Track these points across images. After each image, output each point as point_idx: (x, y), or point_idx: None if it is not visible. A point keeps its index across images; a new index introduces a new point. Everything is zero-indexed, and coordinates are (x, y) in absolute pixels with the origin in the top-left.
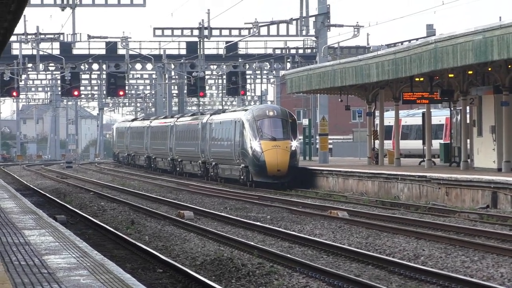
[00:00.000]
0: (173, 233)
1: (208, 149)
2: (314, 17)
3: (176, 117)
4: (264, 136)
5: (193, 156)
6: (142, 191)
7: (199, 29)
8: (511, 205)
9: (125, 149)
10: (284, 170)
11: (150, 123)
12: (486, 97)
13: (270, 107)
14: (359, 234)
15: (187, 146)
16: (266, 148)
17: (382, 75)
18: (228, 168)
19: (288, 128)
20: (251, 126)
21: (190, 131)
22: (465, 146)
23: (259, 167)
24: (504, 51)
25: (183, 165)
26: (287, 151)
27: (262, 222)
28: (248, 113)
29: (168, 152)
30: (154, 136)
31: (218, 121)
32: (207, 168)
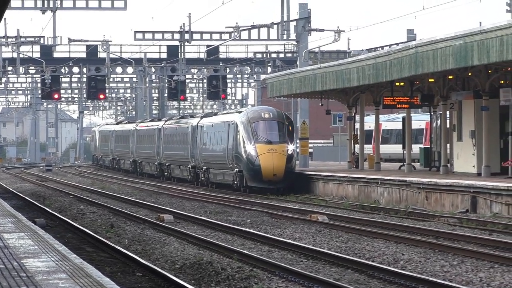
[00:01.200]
0: (152, 236)
1: (198, 153)
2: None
3: (164, 120)
4: (260, 139)
5: (183, 160)
6: (122, 195)
7: (180, 32)
8: (490, 210)
9: (109, 153)
10: (280, 175)
11: (136, 126)
12: (466, 102)
13: (266, 109)
14: (339, 238)
15: (176, 150)
16: (261, 152)
17: (362, 79)
18: (220, 173)
19: (285, 131)
20: (245, 129)
21: (179, 134)
22: (445, 150)
23: (254, 172)
24: (484, 56)
25: (171, 169)
26: (283, 155)
27: (242, 226)
28: (242, 115)
29: (155, 156)
30: (140, 139)
31: (210, 124)
32: (197, 173)
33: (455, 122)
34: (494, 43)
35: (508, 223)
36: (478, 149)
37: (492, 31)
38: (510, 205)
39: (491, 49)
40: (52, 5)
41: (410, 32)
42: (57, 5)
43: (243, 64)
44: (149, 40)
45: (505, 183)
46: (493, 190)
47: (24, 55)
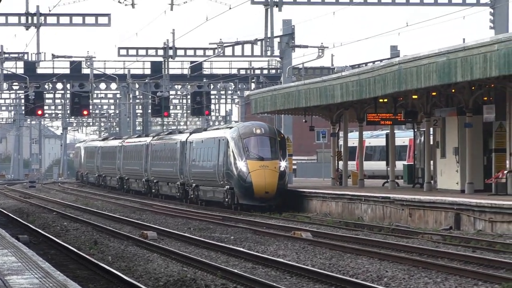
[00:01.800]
0: (136, 253)
1: (188, 169)
2: (279, 38)
3: (151, 135)
4: (251, 156)
5: (171, 177)
6: (106, 211)
7: (164, 49)
8: (474, 227)
9: (95, 169)
10: (273, 192)
11: (123, 142)
12: (450, 118)
13: (257, 124)
14: (323, 255)
15: (164, 166)
16: (253, 169)
17: (346, 96)
18: (210, 190)
19: (277, 147)
20: (236, 145)
21: (168, 150)
22: (428, 167)
23: (246, 189)
24: (467, 73)
25: (159, 186)
26: (275, 171)
27: (226, 242)
28: (233, 131)
29: (143, 173)
30: (127, 156)
31: (200, 140)
32: (186, 190)
33: (439, 138)
34: (478, 60)
35: (491, 240)
36: (462, 166)
37: (475, 47)
38: (494, 222)
39: (475, 65)
40: (36, 21)
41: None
42: (41, 21)
43: (227, 80)
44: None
45: (488, 200)
46: (476, 207)
47: (7, 71)
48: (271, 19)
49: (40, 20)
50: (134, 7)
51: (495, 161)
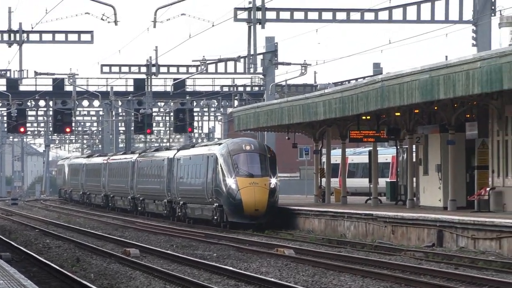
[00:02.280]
0: (118, 271)
1: (175, 187)
2: (262, 55)
3: (137, 152)
4: (241, 173)
5: (158, 194)
6: (88, 229)
7: (147, 66)
8: (456, 244)
9: (79, 187)
10: (263, 210)
11: (108, 159)
12: (432, 135)
13: (247, 141)
14: (306, 272)
15: (150, 183)
16: (242, 186)
17: (329, 113)
18: (198, 208)
19: (267, 164)
20: (225, 162)
21: (154, 167)
22: (411, 184)
23: (235, 207)
24: (450, 90)
25: (145, 204)
26: (265, 188)
27: (209, 260)
28: (222, 148)
29: (129, 191)
30: (112, 173)
31: (188, 157)
32: (174, 208)
33: (421, 155)
34: (460, 77)
35: (474, 257)
36: (444, 183)
37: (458, 65)
38: (476, 239)
39: (457, 83)
40: (18, 38)
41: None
42: (24, 38)
43: (210, 97)
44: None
45: (471, 217)
46: (459, 224)
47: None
48: (254, 36)
49: (22, 37)
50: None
51: (478, 178)
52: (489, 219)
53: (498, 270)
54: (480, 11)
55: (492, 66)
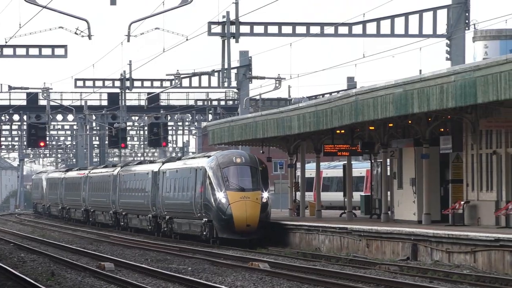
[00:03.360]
0: (93, 285)
1: (161, 201)
2: (236, 69)
3: (119, 165)
4: (231, 186)
5: (142, 209)
6: (63, 243)
7: (121, 80)
8: (431, 257)
9: (58, 201)
10: (254, 225)
11: (89, 173)
12: (407, 149)
13: (237, 153)
14: (280, 286)
15: (134, 198)
16: (233, 200)
17: (303, 127)
18: (186, 223)
19: (258, 177)
20: (215, 175)
21: (138, 181)
22: (385, 198)
23: (225, 222)
24: (424, 104)
25: (128, 219)
26: (257, 203)
27: (183, 273)
28: (211, 160)
29: (110, 205)
30: (93, 187)
31: (174, 170)
32: (159, 223)
33: (396, 169)
34: (434, 91)
35: (448, 270)
36: (419, 197)
37: (432, 79)
38: (451, 252)
39: (431, 97)
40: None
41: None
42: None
43: (184, 111)
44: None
45: (445, 230)
46: (433, 238)
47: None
48: (228, 50)
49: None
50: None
51: (452, 192)
52: (463, 232)
53: (473, 283)
54: (454, 25)
55: (466, 80)
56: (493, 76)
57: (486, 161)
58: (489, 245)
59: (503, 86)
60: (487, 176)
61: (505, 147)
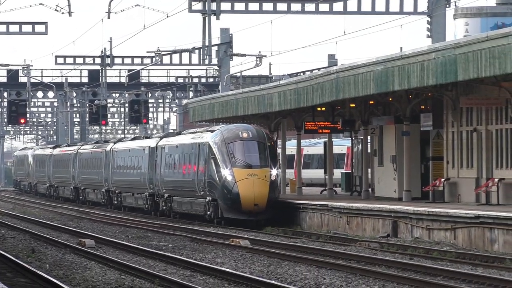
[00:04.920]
0: (74, 261)
1: (159, 178)
2: (217, 47)
3: (112, 142)
4: (237, 163)
5: (138, 187)
6: (43, 219)
7: (101, 57)
8: (411, 234)
9: (46, 179)
10: (263, 205)
11: (79, 149)
12: (387, 127)
13: (244, 127)
14: (261, 263)
15: (129, 175)
16: (240, 178)
17: (284, 104)
18: (187, 202)
19: (267, 153)
20: (220, 151)
21: (133, 157)
22: (366, 175)
23: (231, 201)
24: (405, 82)
25: (122, 197)
26: (266, 181)
27: (164, 250)
28: (216, 135)
29: (103, 183)
30: (84, 164)
31: (174, 145)
32: (156, 202)
33: (376, 147)
34: (415, 69)
35: (428, 247)
36: (399, 174)
37: (412, 56)
38: (431, 229)
39: (412, 74)
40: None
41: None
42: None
43: (165, 88)
44: (70, 64)
45: (425, 207)
46: (414, 215)
47: None
48: (209, 28)
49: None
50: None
51: (432, 169)
52: (443, 209)
53: (453, 260)
54: (434, 2)
55: (447, 57)
56: (473, 54)
57: (466, 139)
58: (469, 222)
59: (483, 64)
60: (467, 154)
61: (486, 124)
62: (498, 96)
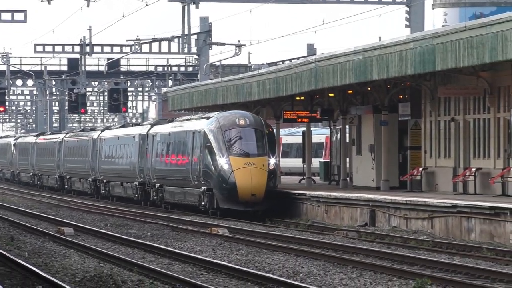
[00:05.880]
0: (53, 249)
1: (150, 167)
2: (196, 35)
3: (99, 129)
4: (234, 151)
5: (127, 176)
6: (22, 207)
7: (81, 45)
8: (388, 223)
9: (29, 168)
10: (260, 195)
11: (64, 137)
12: (365, 116)
13: (241, 114)
14: (239, 251)
15: (117, 164)
16: (236, 167)
17: (263, 93)
18: (180, 192)
19: (264, 141)
20: (216, 138)
21: (122, 145)
22: (344, 164)
23: (228, 191)
24: (383, 71)
25: (110, 187)
26: (264, 170)
27: (143, 239)
28: (211, 122)
29: (89, 172)
30: (69, 152)
31: (166, 133)
32: (147, 191)
33: (355, 136)
34: (393, 58)
35: (406, 236)
36: (377, 163)
37: (391, 46)
38: (408, 218)
39: (390, 64)
40: None
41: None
42: None
43: (144, 77)
44: (49, 52)
45: (403, 197)
46: (391, 204)
47: None
48: (188, 16)
49: None
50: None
51: (410, 159)
52: (421, 199)
53: (430, 249)
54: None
55: (425, 47)
56: (451, 44)
57: (444, 128)
58: (446, 211)
59: (461, 54)
60: (445, 143)
61: (463, 114)
62: (476, 86)
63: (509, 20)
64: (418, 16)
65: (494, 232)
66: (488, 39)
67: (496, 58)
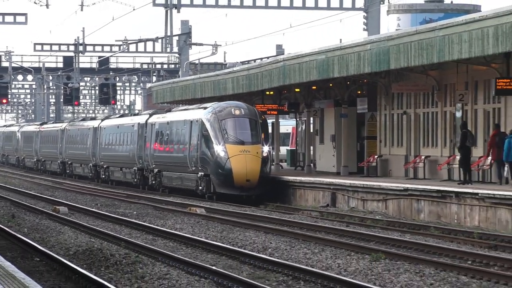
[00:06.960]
0: (49, 226)
1: (149, 154)
2: (178, 36)
3: (99, 119)
4: (230, 139)
5: (126, 162)
6: (22, 189)
7: (75, 45)
8: (348, 205)
9: (33, 154)
10: (255, 181)
11: (66, 126)
12: (328, 109)
13: (236, 104)
14: (215, 229)
15: (117, 151)
16: (232, 154)
17: (237, 88)
18: (178, 177)
19: (258, 130)
20: (213, 127)
21: (122, 133)
22: (308, 152)
23: (224, 177)
24: (343, 69)
25: (110, 172)
26: (258, 157)
27: (129, 217)
28: (208, 112)
29: (91, 158)
30: (71, 140)
31: (165, 122)
32: (145, 176)
33: (318, 127)
34: (352, 58)
35: (363, 216)
36: (338, 151)
37: (350, 47)
38: (365, 200)
39: (350, 63)
40: None
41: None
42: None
43: (131, 73)
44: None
45: (361, 181)
46: (350, 187)
47: None
48: (171, 20)
49: None
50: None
51: (367, 147)
52: (376, 183)
53: (384, 227)
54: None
55: (381, 48)
56: (404, 45)
57: (397, 120)
58: (399, 194)
59: (413, 54)
60: (397, 134)
61: (414, 108)
62: (425, 83)
63: (455, 25)
64: (374, 21)
65: (440, 213)
66: (436, 42)
67: (443, 58)
